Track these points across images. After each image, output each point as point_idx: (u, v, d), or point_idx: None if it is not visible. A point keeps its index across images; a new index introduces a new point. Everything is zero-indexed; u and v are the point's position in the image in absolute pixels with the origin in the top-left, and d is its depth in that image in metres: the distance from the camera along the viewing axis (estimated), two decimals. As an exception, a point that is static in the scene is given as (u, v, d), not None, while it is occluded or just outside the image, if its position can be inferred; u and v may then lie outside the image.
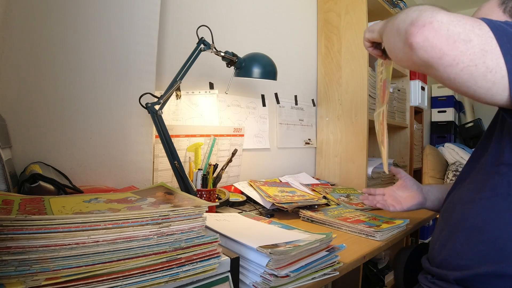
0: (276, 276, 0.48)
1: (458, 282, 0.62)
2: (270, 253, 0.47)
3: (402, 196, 0.91)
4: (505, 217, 0.58)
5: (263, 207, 1.01)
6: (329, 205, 1.12)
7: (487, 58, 0.44)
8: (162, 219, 0.41)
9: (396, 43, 0.53)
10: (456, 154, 2.47)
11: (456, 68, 0.45)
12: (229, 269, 0.46)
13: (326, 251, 0.57)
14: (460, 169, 2.35)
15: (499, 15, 0.70)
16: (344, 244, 0.61)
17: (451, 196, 0.74)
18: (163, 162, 0.98)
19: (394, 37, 0.54)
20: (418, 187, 0.90)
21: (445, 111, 2.85)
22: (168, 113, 1.04)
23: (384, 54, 0.81)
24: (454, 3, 3.07)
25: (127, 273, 0.36)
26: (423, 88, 2.12)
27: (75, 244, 0.34)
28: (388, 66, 0.87)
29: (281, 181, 1.31)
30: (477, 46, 0.44)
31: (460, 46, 0.44)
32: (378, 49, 0.81)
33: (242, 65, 0.99)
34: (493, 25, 0.46)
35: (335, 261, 0.58)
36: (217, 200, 0.95)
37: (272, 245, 0.50)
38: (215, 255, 0.43)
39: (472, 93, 0.47)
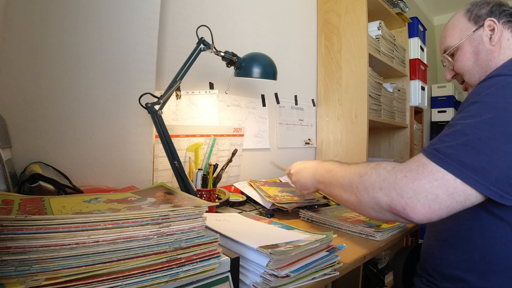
0: (276, 276, 0.48)
1: None
2: (270, 253, 0.47)
3: None
4: (489, 230, 0.59)
5: (263, 207, 1.01)
6: (329, 205, 1.12)
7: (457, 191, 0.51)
8: (162, 219, 0.41)
9: (364, 205, 0.61)
10: (456, 154, 2.46)
11: (445, 213, 0.52)
12: (229, 269, 0.46)
13: (326, 251, 0.57)
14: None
15: (464, 23, 0.75)
16: (344, 244, 0.61)
17: None
18: (163, 162, 0.98)
19: (358, 202, 0.61)
20: None
21: (445, 111, 2.85)
22: (168, 113, 1.04)
23: None
24: (443, 5, 3.07)
25: (127, 273, 0.36)
26: (423, 88, 2.12)
27: (75, 244, 0.34)
28: None
29: (281, 181, 1.31)
30: (445, 193, 0.51)
31: (435, 205, 0.51)
32: None
33: (242, 65, 0.99)
34: (436, 158, 0.53)
35: (335, 261, 0.58)
36: (217, 200, 0.95)
37: (272, 245, 0.50)
38: (215, 255, 0.43)
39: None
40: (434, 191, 0.51)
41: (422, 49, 2.12)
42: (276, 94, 1.50)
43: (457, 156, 0.51)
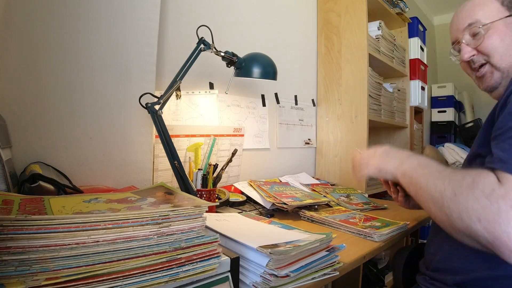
0: (276, 276, 0.48)
1: (457, 285, 0.62)
2: (270, 253, 0.47)
3: None
4: None
5: (263, 207, 1.01)
6: (330, 206, 1.12)
7: None
8: (162, 219, 0.41)
9: (457, 231, 0.52)
10: (456, 154, 2.47)
11: None
12: (229, 269, 0.46)
13: (326, 251, 0.57)
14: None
15: (497, 6, 0.70)
16: (344, 244, 0.61)
17: None
18: (163, 162, 0.98)
19: (448, 219, 0.52)
20: None
21: (445, 111, 2.85)
22: (168, 113, 1.04)
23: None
24: (443, 5, 3.07)
25: (127, 273, 0.36)
26: (423, 88, 2.12)
27: (75, 244, 0.34)
28: None
29: (281, 181, 1.31)
30: None
31: None
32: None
33: (242, 65, 0.99)
34: None
35: (335, 261, 0.58)
36: (217, 200, 0.95)
37: (272, 245, 0.50)
38: (215, 255, 0.43)
39: None
40: None
41: (422, 49, 2.12)
42: (276, 94, 1.50)
43: None
